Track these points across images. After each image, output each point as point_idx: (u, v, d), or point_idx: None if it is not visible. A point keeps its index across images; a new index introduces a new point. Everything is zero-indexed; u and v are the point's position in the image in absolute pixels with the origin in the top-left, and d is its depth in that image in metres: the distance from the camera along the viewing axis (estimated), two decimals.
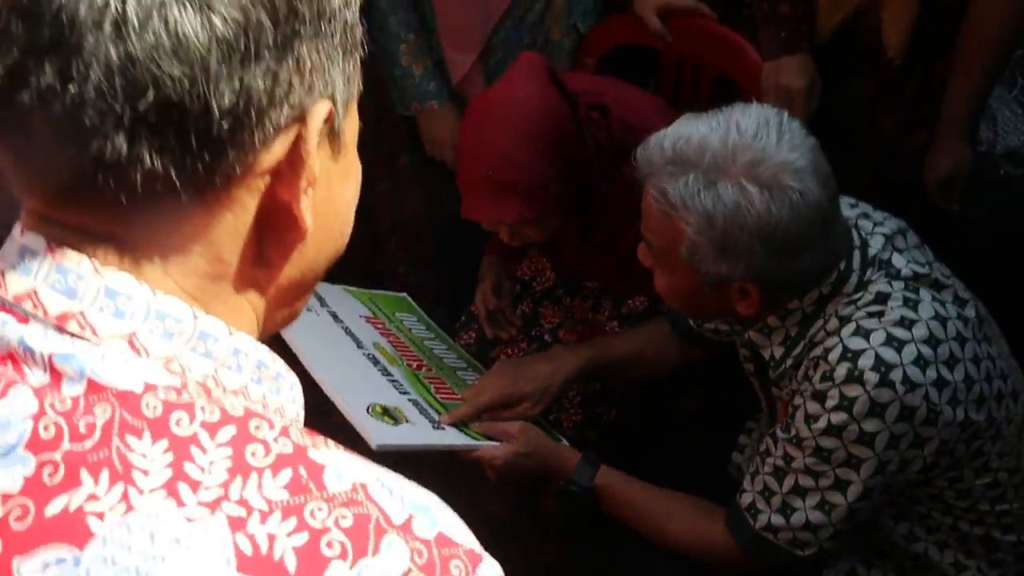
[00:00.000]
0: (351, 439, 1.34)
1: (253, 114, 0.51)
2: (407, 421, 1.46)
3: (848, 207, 1.41)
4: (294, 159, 0.55)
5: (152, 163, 0.50)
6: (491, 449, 1.51)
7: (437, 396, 1.60)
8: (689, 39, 1.93)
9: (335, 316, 1.71)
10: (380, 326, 1.76)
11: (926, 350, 1.24)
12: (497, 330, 1.92)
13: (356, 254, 2.17)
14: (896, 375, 1.22)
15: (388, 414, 1.45)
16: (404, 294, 1.98)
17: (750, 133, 1.19)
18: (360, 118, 0.65)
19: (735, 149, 1.18)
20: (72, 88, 0.48)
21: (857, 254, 1.31)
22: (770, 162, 1.17)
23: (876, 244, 1.33)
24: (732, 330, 1.51)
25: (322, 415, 1.39)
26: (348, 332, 1.67)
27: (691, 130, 1.22)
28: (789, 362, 1.34)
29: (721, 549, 1.41)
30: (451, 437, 1.51)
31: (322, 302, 1.73)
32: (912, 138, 1.93)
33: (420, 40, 1.92)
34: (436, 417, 1.53)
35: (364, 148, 2.34)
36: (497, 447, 1.51)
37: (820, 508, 1.31)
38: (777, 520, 1.34)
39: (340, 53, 0.56)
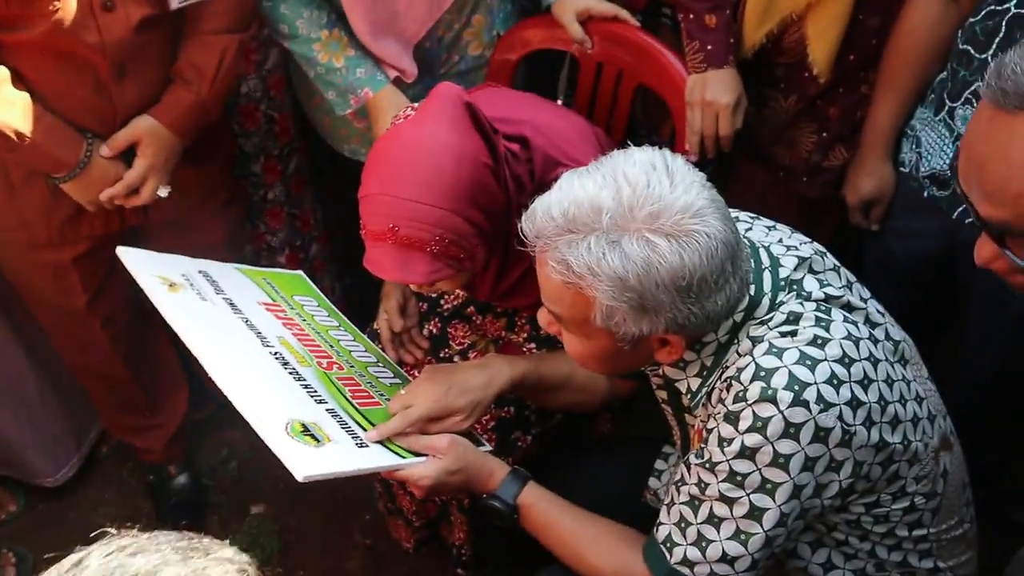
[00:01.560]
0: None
1: None
2: (329, 440, 1.35)
3: (763, 231, 1.37)
4: None
5: None
6: (419, 468, 1.40)
7: (355, 403, 1.48)
8: (610, 47, 1.86)
9: (232, 305, 1.56)
10: (281, 313, 1.63)
11: (839, 369, 1.19)
12: (402, 353, 1.81)
13: (249, 263, 1.99)
14: (810, 394, 1.17)
15: (308, 432, 1.33)
16: (299, 272, 1.84)
17: (641, 184, 1.12)
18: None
19: (631, 204, 1.11)
20: None
21: (768, 275, 1.27)
22: (670, 211, 1.11)
23: (788, 264, 1.29)
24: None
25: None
26: (249, 325, 1.53)
27: (578, 191, 1.14)
28: (704, 391, 1.29)
29: None
30: (377, 458, 1.39)
31: (216, 287, 1.58)
32: (832, 156, 1.90)
33: (334, 33, 1.81)
34: (359, 432, 1.42)
35: (257, 155, 2.19)
36: (426, 465, 1.41)
37: (736, 538, 1.24)
38: (693, 553, 1.27)
39: None
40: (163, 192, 1.76)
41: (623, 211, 1.11)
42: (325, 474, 1.28)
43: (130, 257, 1.53)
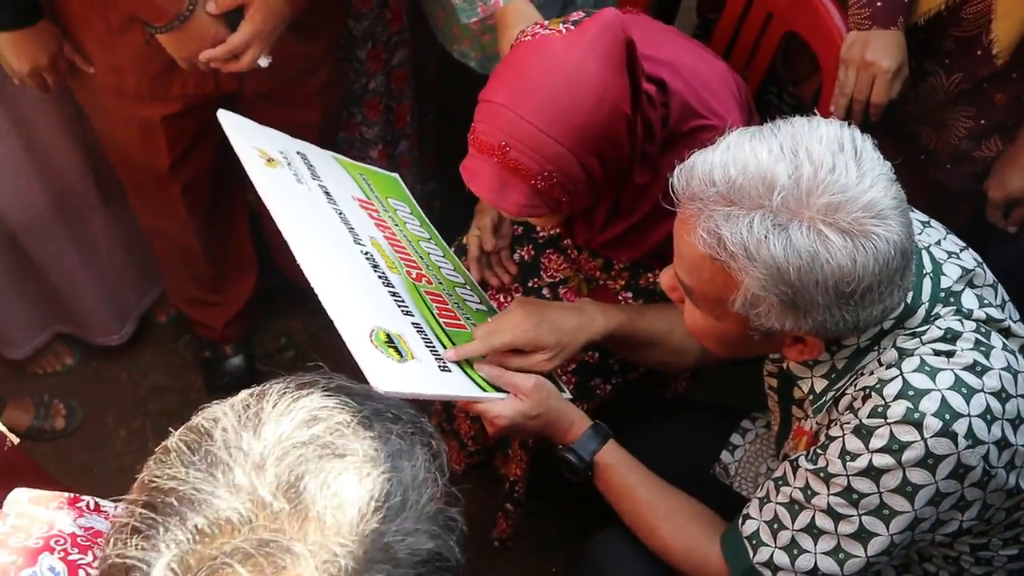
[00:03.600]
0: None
1: None
2: (412, 357, 1.27)
3: (918, 227, 1.23)
4: None
5: None
6: (498, 405, 1.33)
7: (441, 322, 1.40)
8: None
9: (328, 194, 1.47)
10: (375, 214, 1.53)
11: (995, 404, 1.08)
12: (488, 275, 1.71)
13: (340, 154, 1.83)
14: (960, 427, 1.06)
15: (392, 344, 1.25)
16: (396, 175, 1.74)
17: (826, 166, 0.98)
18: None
19: (810, 188, 0.98)
20: None
21: (928, 283, 1.15)
22: (853, 205, 0.98)
23: (951, 274, 1.17)
24: None
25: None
26: (343, 218, 1.43)
27: (748, 158, 1.00)
28: (830, 395, 1.18)
29: (711, 572, 1.26)
30: (458, 385, 1.32)
31: (313, 172, 1.49)
32: (985, 147, 1.74)
33: None
34: (442, 353, 1.34)
35: (365, 40, 2.02)
36: (505, 404, 1.33)
37: (833, 555, 1.15)
38: (781, 559, 1.19)
39: None
40: (263, 62, 1.65)
41: (799, 193, 0.98)
42: (405, 393, 1.20)
43: (230, 122, 1.43)
